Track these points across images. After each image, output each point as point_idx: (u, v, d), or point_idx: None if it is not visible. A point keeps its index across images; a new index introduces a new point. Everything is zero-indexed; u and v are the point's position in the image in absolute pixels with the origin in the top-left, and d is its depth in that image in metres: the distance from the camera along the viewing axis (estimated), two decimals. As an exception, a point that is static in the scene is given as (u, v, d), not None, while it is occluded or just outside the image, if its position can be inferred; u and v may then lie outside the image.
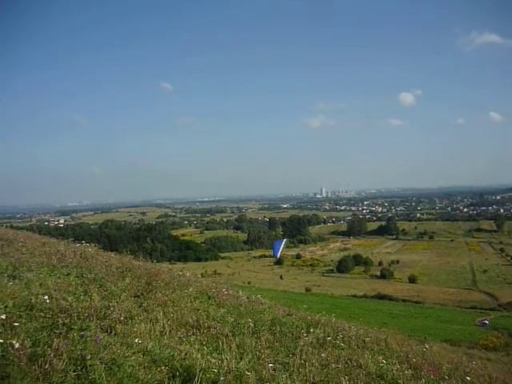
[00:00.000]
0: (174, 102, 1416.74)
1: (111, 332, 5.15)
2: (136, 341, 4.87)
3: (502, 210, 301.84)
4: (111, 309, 5.71)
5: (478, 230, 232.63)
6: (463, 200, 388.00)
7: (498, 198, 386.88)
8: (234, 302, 8.86)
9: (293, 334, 6.99)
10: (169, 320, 6.11)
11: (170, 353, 4.79)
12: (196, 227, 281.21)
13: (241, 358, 5.18)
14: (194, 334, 5.80)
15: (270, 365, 4.94)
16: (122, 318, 5.59)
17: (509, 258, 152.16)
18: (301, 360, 5.55)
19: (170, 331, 5.67)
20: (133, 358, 4.40)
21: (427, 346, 10.54)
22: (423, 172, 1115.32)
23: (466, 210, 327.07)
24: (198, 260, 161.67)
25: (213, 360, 4.83)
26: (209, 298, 8.65)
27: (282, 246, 45.88)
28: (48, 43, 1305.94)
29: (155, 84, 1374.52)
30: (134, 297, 7.13)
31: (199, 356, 4.80)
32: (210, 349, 5.38)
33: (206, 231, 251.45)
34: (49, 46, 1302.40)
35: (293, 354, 5.82)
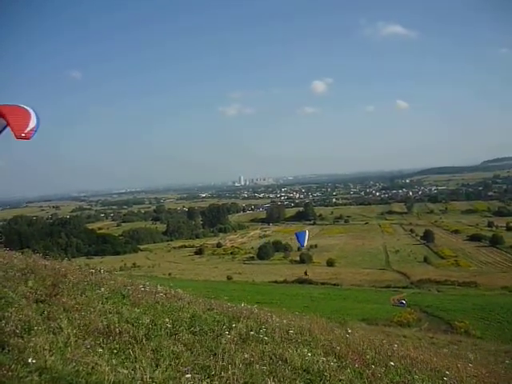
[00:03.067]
0: (84, 90, 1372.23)
1: (4, 349, 4.48)
2: (31, 360, 4.21)
3: (410, 193, 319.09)
4: (4, 321, 5.02)
5: (390, 213, 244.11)
6: (375, 184, 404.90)
7: (408, 181, 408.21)
8: (150, 299, 8.31)
9: (214, 332, 6.59)
10: (75, 328, 5.45)
11: (74, 368, 4.19)
12: (113, 220, 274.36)
13: (157, 366, 4.70)
14: (103, 341, 5.19)
15: (188, 376, 4.48)
16: (17, 331, 4.91)
17: (418, 238, 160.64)
18: (223, 361, 5.17)
19: (76, 341, 5.03)
20: (28, 378, 3.79)
21: (350, 331, 10.53)
22: (337, 158, 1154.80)
23: (378, 193, 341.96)
24: (117, 253, 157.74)
25: (124, 371, 4.31)
26: (123, 297, 8.03)
27: (306, 235, 45.98)
28: None
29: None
30: (36, 303, 6.39)
31: (108, 368, 4.26)
32: (122, 358, 4.82)
33: (123, 223, 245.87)
34: None
35: (214, 355, 5.43)
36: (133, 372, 4.33)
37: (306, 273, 74.85)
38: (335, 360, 6.45)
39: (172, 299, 9.04)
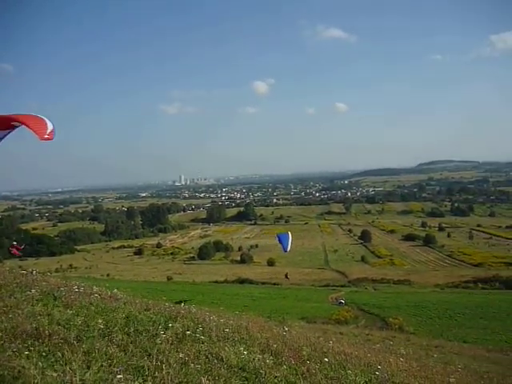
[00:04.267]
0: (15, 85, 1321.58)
1: None
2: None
3: (349, 194, 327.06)
4: None
5: (329, 213, 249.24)
6: (315, 185, 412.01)
7: (346, 182, 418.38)
8: (84, 300, 8.08)
9: (149, 332, 6.47)
10: (1, 331, 5.22)
11: (-2, 372, 4.03)
12: (48, 220, 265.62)
13: (88, 367, 4.56)
14: (31, 344, 4.98)
15: (119, 376, 4.38)
16: None
17: (356, 238, 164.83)
18: (157, 361, 5.09)
19: (2, 345, 4.82)
20: None
21: (287, 329, 10.65)
22: (279, 158, 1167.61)
23: (318, 194, 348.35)
24: (53, 254, 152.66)
25: (53, 374, 4.15)
26: (55, 298, 7.76)
27: (289, 238, 42.98)
28: None
29: None
30: (-41, 306, 6.08)
31: (36, 372, 4.09)
32: (52, 360, 4.63)
33: (59, 223, 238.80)
34: None
35: (149, 355, 5.34)
36: (62, 374, 4.19)
37: (286, 275, 74.42)
38: (271, 357, 6.47)
39: (107, 300, 8.82)
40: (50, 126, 8.05)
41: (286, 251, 36.66)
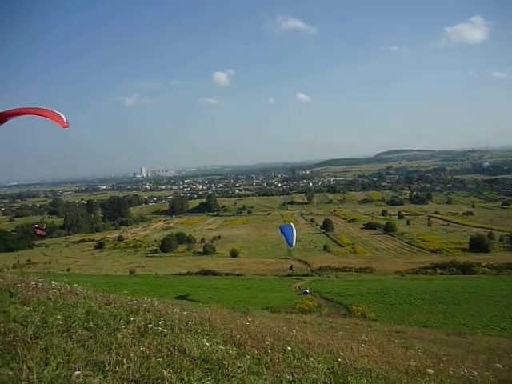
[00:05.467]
0: None
1: None
2: None
3: (311, 184, 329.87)
4: None
5: (291, 203, 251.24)
6: (277, 175, 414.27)
7: (308, 172, 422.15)
8: (42, 296, 7.88)
9: (110, 327, 6.37)
10: (-46, 330, 5.07)
11: (-51, 373, 3.88)
12: (4, 214, 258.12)
13: (46, 364, 4.44)
14: (-14, 343, 4.84)
15: (77, 372, 4.26)
16: None
17: (318, 227, 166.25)
18: (118, 356, 5.00)
19: (-45, 344, 4.68)
20: None
21: (250, 319, 10.68)
22: (240, 149, 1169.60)
23: (280, 184, 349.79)
24: (10, 250, 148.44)
25: (9, 372, 4.03)
26: (11, 295, 7.54)
27: (293, 230, 39.22)
28: None
29: None
30: None
31: (-11, 371, 3.96)
32: (8, 358, 4.49)
33: (16, 218, 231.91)
34: None
35: (109, 350, 5.24)
36: (18, 373, 4.06)
37: (291, 267, 73.65)
38: (235, 348, 6.48)
39: (67, 295, 8.64)
40: (63, 116, 8.72)
41: (291, 246, 34.40)
